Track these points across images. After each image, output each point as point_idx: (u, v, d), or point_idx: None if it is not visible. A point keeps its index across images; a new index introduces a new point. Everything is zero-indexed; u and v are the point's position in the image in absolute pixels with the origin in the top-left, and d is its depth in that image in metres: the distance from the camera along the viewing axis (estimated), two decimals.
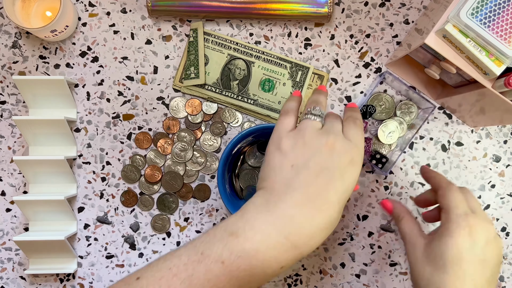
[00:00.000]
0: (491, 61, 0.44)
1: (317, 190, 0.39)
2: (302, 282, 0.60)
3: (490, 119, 0.54)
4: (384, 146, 0.57)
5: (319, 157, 0.40)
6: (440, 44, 0.46)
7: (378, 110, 0.57)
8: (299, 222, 0.38)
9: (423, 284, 0.46)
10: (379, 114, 0.57)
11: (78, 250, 0.59)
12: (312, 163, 0.40)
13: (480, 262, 0.43)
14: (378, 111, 0.57)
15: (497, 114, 0.51)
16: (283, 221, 0.38)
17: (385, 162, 0.56)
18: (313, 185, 0.39)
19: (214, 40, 0.59)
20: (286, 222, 0.38)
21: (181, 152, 0.59)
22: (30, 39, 0.59)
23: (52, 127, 0.56)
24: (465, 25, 0.43)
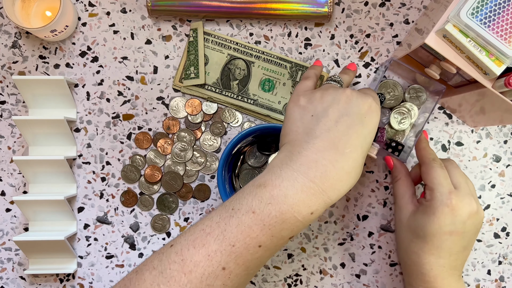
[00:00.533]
0: (491, 61, 0.44)
1: (338, 135, 0.40)
2: (302, 282, 0.60)
3: (490, 119, 0.54)
4: (398, 134, 0.57)
5: (337, 105, 0.41)
6: (440, 44, 0.46)
7: (387, 98, 0.56)
8: (323, 165, 0.39)
9: (403, 246, 0.51)
10: (388, 101, 0.57)
11: (78, 250, 0.59)
12: (331, 110, 0.41)
13: (458, 234, 0.47)
14: (387, 98, 0.56)
15: (497, 114, 0.51)
16: (307, 166, 0.39)
17: (401, 150, 0.56)
18: (333, 131, 0.40)
19: (214, 40, 0.59)
20: (311, 167, 0.39)
21: (181, 152, 0.59)
22: (30, 39, 0.59)
23: (52, 127, 0.56)
24: (465, 25, 0.43)
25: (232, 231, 0.37)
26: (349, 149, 0.40)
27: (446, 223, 0.46)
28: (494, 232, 0.60)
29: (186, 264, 0.36)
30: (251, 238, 0.37)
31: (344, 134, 0.40)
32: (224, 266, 0.37)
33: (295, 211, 0.38)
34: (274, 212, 0.37)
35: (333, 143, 0.40)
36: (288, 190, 0.38)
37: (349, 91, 0.42)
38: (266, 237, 0.37)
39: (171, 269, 0.37)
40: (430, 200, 0.48)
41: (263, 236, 0.37)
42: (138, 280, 0.37)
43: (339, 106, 0.41)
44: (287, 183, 0.38)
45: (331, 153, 0.39)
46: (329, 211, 0.59)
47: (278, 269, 0.60)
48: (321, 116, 0.41)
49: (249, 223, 0.37)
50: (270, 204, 0.37)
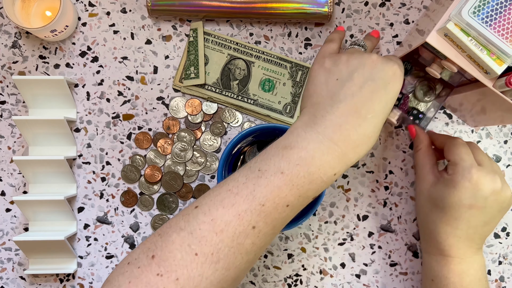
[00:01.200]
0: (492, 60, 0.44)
1: (361, 100, 0.41)
2: (302, 282, 0.60)
3: (491, 118, 0.54)
4: (420, 104, 0.56)
5: (362, 70, 0.42)
6: (441, 42, 0.46)
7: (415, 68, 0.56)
8: (346, 129, 0.40)
9: (422, 215, 0.53)
10: (416, 72, 0.56)
11: (78, 250, 0.59)
12: (356, 75, 0.42)
13: (478, 208, 0.48)
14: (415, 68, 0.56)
15: (498, 113, 0.51)
16: (332, 129, 0.40)
17: (422, 118, 0.55)
18: (357, 96, 0.41)
19: (214, 40, 0.59)
20: (335, 130, 0.40)
21: (181, 152, 0.59)
22: (30, 39, 0.59)
23: (52, 127, 0.56)
24: (467, 23, 0.43)
25: (261, 191, 0.38)
26: (371, 114, 0.41)
27: (466, 196, 0.48)
28: (494, 232, 0.60)
29: (217, 223, 0.37)
30: (280, 198, 0.38)
31: (367, 99, 0.41)
32: (254, 225, 0.37)
33: (321, 172, 0.39)
34: (302, 173, 0.38)
35: (356, 108, 0.41)
36: (315, 152, 0.39)
37: (375, 56, 0.43)
38: (294, 197, 0.38)
39: (201, 229, 0.37)
40: (452, 174, 0.49)
41: (291, 196, 0.38)
42: (165, 242, 0.37)
43: (364, 70, 0.42)
44: (313, 145, 0.39)
45: (354, 118, 0.40)
46: (329, 211, 0.60)
47: (278, 269, 0.59)
48: (346, 80, 0.42)
49: (278, 184, 0.38)
50: (298, 165, 0.38)
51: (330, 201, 0.60)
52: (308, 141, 0.39)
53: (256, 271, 0.60)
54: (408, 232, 0.60)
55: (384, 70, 0.42)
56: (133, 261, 0.37)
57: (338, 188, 0.60)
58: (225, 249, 0.37)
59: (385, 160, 0.60)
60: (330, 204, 0.60)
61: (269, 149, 0.40)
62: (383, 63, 0.42)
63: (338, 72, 0.43)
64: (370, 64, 0.42)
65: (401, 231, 0.60)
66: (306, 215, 0.51)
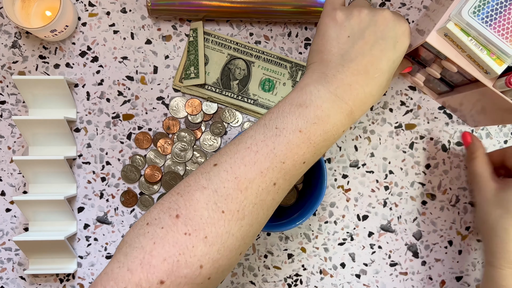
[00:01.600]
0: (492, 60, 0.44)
1: (371, 60, 0.41)
2: (302, 282, 0.60)
3: (491, 118, 0.54)
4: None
5: (374, 27, 0.42)
6: (441, 42, 0.46)
7: None
8: (355, 89, 0.41)
9: (489, 223, 0.51)
10: None
11: (78, 250, 0.59)
12: (368, 33, 0.42)
13: None
14: None
15: (498, 113, 0.51)
16: (343, 89, 0.41)
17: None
18: (368, 55, 0.41)
19: (214, 40, 0.59)
20: (346, 90, 0.41)
21: (181, 152, 0.59)
22: (30, 39, 0.59)
23: (52, 127, 0.56)
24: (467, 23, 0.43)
25: (281, 149, 0.38)
26: (378, 73, 0.42)
27: None
28: None
29: (241, 181, 0.37)
30: (298, 156, 0.39)
31: (377, 59, 0.41)
32: (275, 182, 0.38)
33: (335, 130, 0.40)
34: (319, 131, 0.40)
35: (366, 67, 0.41)
36: (330, 111, 0.40)
37: (387, 13, 0.42)
38: (310, 154, 0.40)
39: (225, 187, 0.37)
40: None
41: (308, 153, 0.40)
42: (189, 201, 0.37)
43: (376, 28, 0.42)
44: (327, 104, 0.40)
45: (363, 77, 0.41)
46: (329, 211, 0.60)
47: (278, 269, 0.59)
48: (357, 38, 0.42)
49: (297, 142, 0.39)
50: (315, 124, 0.39)
51: (330, 201, 0.60)
52: (322, 100, 0.40)
53: (256, 271, 0.60)
54: (408, 232, 0.60)
55: (395, 28, 0.42)
56: (154, 221, 0.36)
57: (338, 188, 0.60)
58: (250, 206, 0.37)
59: (385, 160, 0.60)
60: (330, 204, 0.60)
61: (282, 106, 0.41)
62: (394, 21, 0.42)
63: (349, 28, 0.42)
64: (382, 21, 0.42)
65: (401, 231, 0.60)
66: (306, 215, 0.51)
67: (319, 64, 0.43)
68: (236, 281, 0.60)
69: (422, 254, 0.60)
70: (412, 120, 0.60)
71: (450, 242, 0.60)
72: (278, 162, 0.38)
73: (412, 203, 0.60)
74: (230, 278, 0.59)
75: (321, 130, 0.39)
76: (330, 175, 0.60)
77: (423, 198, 0.60)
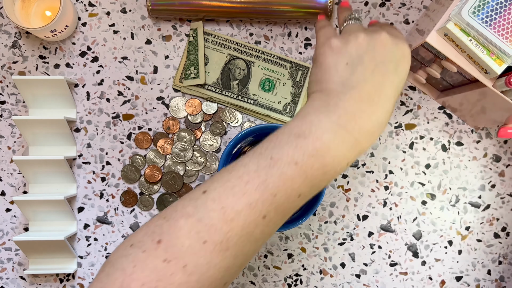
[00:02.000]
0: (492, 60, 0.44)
1: (374, 86, 0.40)
2: (302, 282, 0.60)
3: (491, 119, 0.54)
4: None
5: (372, 52, 0.40)
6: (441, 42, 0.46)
7: None
8: (360, 118, 0.39)
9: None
10: None
11: (78, 250, 0.59)
12: (367, 58, 0.40)
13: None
14: None
15: (498, 113, 0.51)
16: (346, 118, 0.39)
17: None
18: (369, 81, 0.40)
19: (214, 40, 0.59)
20: (349, 119, 0.39)
21: (181, 152, 0.59)
22: (30, 39, 0.59)
23: (52, 127, 0.56)
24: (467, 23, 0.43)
25: (274, 182, 0.37)
26: (384, 99, 0.40)
27: None
28: (494, 232, 0.60)
29: (227, 212, 0.36)
30: (292, 189, 0.37)
31: (379, 85, 0.40)
32: (265, 215, 0.37)
33: (336, 163, 0.38)
34: (317, 164, 0.37)
35: (369, 94, 0.40)
36: (330, 143, 0.38)
37: (384, 36, 0.41)
38: (306, 188, 0.38)
39: (210, 217, 0.36)
40: None
41: (304, 187, 0.37)
42: (173, 227, 0.36)
43: (375, 53, 0.41)
44: (328, 135, 0.38)
45: (368, 105, 0.39)
46: (329, 211, 0.60)
47: (278, 269, 0.59)
48: (356, 64, 0.40)
49: (291, 174, 0.37)
50: (313, 157, 0.37)
51: (330, 201, 0.60)
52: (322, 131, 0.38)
53: (256, 271, 0.60)
54: (408, 232, 0.60)
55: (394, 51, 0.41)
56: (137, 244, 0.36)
57: (338, 188, 0.60)
58: (235, 237, 0.36)
59: (385, 160, 0.60)
60: (330, 204, 0.60)
61: (280, 135, 0.39)
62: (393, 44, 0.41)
63: (347, 55, 0.41)
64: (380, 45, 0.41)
65: (401, 231, 0.60)
66: (306, 215, 0.51)
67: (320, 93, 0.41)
68: (236, 281, 0.60)
69: (422, 254, 0.60)
70: (412, 120, 0.60)
71: (450, 242, 0.60)
72: (269, 195, 0.37)
73: (412, 203, 0.60)
74: None
75: (319, 164, 0.37)
76: None
77: (423, 198, 0.60)
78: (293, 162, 0.37)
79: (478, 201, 0.60)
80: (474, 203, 0.60)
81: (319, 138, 0.38)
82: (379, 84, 0.40)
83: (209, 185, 0.38)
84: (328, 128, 0.38)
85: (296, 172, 0.37)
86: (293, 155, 0.37)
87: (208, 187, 0.38)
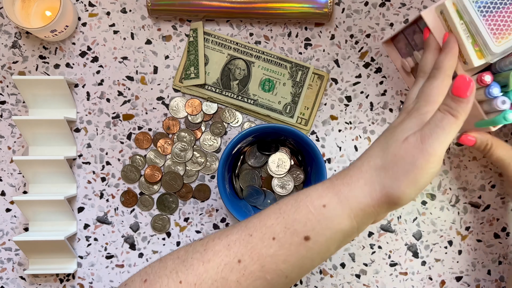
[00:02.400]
0: (474, 51, 0.44)
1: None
2: (302, 282, 0.60)
3: None
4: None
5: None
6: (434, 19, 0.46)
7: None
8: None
9: None
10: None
11: (78, 250, 0.59)
12: None
13: None
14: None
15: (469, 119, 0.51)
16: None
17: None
18: None
19: (214, 40, 0.59)
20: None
21: (181, 152, 0.59)
22: (30, 39, 0.59)
23: (52, 127, 0.56)
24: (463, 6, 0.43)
25: (253, 221, 0.38)
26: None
27: None
28: (494, 232, 0.60)
29: (207, 253, 0.37)
30: (266, 227, 0.37)
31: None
32: (240, 259, 0.36)
33: (308, 201, 0.37)
34: (291, 200, 0.38)
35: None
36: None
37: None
38: (279, 228, 0.37)
39: (192, 258, 0.37)
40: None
41: (277, 225, 0.37)
42: (160, 267, 0.37)
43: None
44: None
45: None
46: None
47: None
48: None
49: (267, 212, 0.38)
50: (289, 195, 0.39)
51: None
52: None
53: None
54: (408, 232, 0.60)
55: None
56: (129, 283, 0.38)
57: None
58: (209, 281, 0.36)
59: None
60: None
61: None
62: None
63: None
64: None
65: (401, 231, 0.60)
66: None
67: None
68: None
69: (422, 254, 0.60)
70: None
71: (450, 242, 0.60)
72: (246, 235, 0.37)
73: (412, 203, 0.60)
74: None
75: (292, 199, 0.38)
76: (330, 175, 0.59)
77: (423, 198, 0.60)
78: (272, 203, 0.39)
79: (478, 201, 0.60)
80: (474, 203, 0.60)
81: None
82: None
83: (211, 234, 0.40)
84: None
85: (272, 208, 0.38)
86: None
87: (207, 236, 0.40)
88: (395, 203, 0.37)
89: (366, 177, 0.38)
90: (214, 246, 0.37)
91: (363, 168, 0.38)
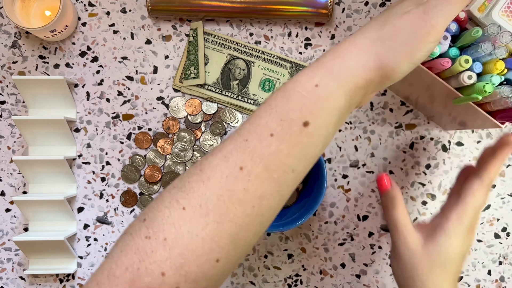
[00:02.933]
0: None
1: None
2: (302, 282, 0.60)
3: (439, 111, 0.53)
4: None
5: None
6: None
7: None
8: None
9: (419, 276, 0.45)
10: None
11: (77, 250, 0.59)
12: None
13: (464, 257, 0.46)
14: None
15: (441, 101, 0.50)
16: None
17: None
18: None
19: (214, 40, 0.59)
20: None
21: (181, 152, 0.59)
22: (30, 39, 0.59)
23: (52, 127, 0.56)
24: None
25: (245, 127, 0.35)
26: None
27: (463, 247, 0.45)
28: (494, 232, 0.60)
29: (205, 172, 0.34)
30: (261, 127, 0.34)
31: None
32: (241, 166, 0.33)
33: (298, 86, 0.35)
34: (278, 92, 0.35)
35: None
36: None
37: None
38: (275, 122, 0.34)
39: (189, 182, 0.34)
40: (453, 225, 0.45)
41: (272, 121, 0.34)
42: (157, 202, 0.34)
43: None
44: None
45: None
46: (329, 211, 0.59)
47: (278, 270, 0.59)
48: None
49: (258, 112, 0.35)
50: (275, 88, 0.35)
51: (330, 201, 0.60)
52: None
53: (256, 271, 0.60)
54: None
55: None
56: (128, 229, 0.34)
57: (338, 189, 0.60)
58: (214, 198, 0.33)
59: (385, 160, 0.60)
60: (330, 204, 0.60)
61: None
62: None
63: None
64: None
65: None
66: (306, 215, 0.51)
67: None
68: (236, 281, 0.59)
69: None
70: (412, 120, 0.60)
71: None
72: (241, 141, 0.34)
73: (412, 203, 0.60)
74: (230, 279, 0.59)
75: (280, 91, 0.35)
76: (330, 175, 0.60)
77: (423, 198, 0.60)
78: (262, 102, 0.35)
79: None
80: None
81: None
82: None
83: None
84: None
85: (262, 107, 0.35)
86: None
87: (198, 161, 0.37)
88: (388, 76, 0.35)
89: (360, 47, 0.36)
90: (210, 163, 0.34)
91: (357, 40, 0.36)
